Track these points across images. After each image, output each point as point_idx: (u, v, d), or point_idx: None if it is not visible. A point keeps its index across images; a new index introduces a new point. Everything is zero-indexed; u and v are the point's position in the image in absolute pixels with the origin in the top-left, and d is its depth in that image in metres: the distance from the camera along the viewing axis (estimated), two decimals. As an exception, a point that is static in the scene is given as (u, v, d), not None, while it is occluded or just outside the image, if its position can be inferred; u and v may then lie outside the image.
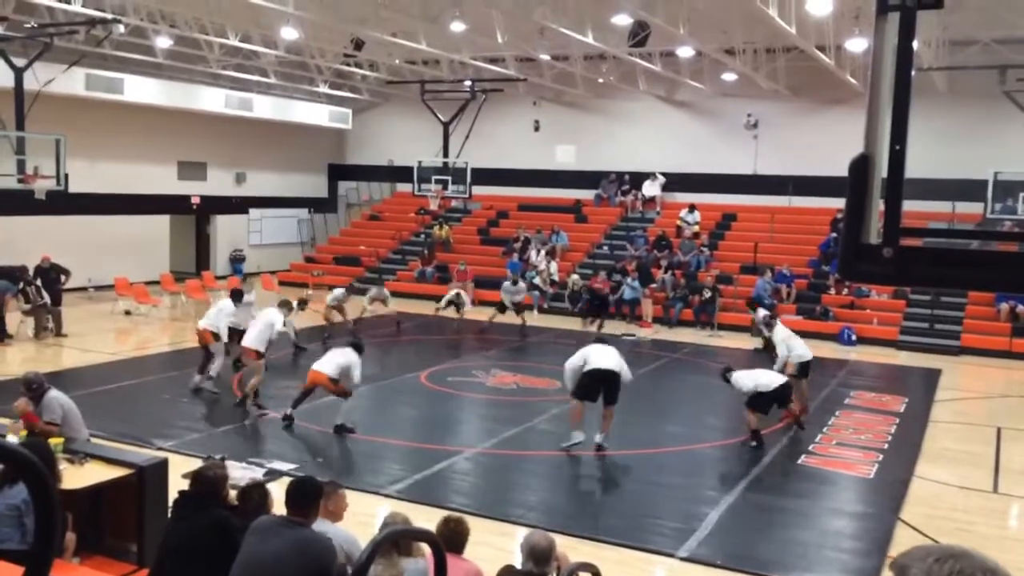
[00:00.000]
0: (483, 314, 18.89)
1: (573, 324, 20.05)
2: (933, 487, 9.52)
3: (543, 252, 23.49)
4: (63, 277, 17.58)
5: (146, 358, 15.36)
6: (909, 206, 2.01)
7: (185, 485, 5.57)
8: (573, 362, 10.18)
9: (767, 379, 10.70)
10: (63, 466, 6.14)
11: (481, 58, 21.92)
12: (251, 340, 11.74)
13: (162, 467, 6.46)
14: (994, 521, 8.85)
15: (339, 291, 18.11)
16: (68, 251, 20.63)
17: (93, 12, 17.16)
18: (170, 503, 5.40)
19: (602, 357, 10.07)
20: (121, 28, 17.48)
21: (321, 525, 4.79)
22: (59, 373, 13.09)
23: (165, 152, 24.87)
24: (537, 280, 22.37)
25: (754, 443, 10.58)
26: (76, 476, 6.12)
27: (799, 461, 10.32)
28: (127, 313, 19.44)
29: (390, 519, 5.00)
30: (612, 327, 19.78)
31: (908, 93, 1.99)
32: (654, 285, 21.21)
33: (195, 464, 7.35)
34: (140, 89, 22.34)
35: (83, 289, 21.56)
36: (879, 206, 2.03)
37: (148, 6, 17.84)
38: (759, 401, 10.55)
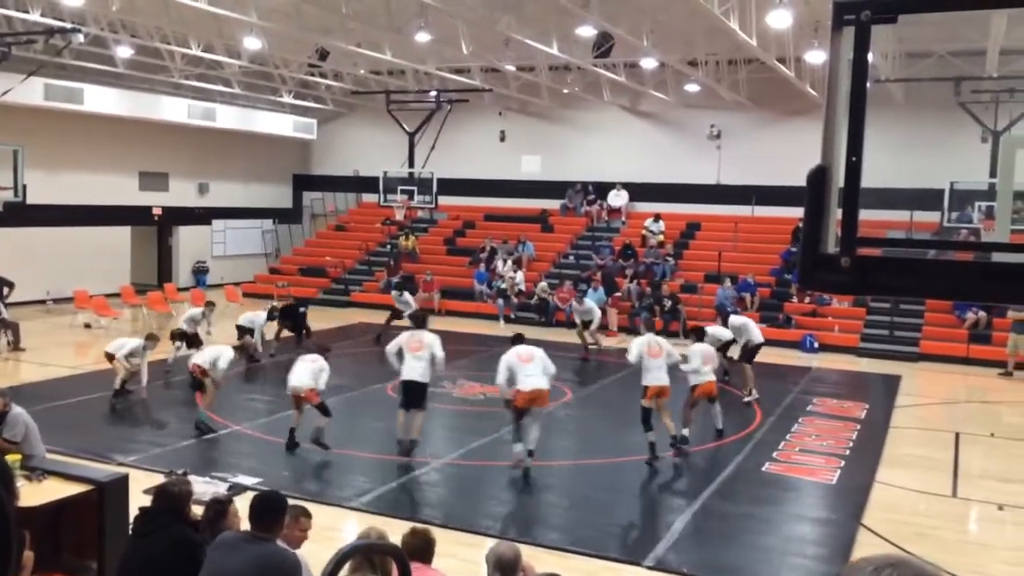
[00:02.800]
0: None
1: (541, 334, 20.02)
2: (894, 492, 9.65)
3: (509, 262, 23.51)
4: (6, 289, 17.28)
5: (107, 372, 15.07)
6: (869, 215, 2.06)
7: (147, 501, 5.48)
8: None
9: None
10: (21, 483, 6.01)
11: (446, 68, 21.94)
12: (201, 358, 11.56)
13: (123, 483, 6.36)
14: (954, 525, 9.00)
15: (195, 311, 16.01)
16: (26, 263, 20.29)
17: (52, 21, 16.92)
18: (131, 519, 5.31)
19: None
20: (81, 37, 17.25)
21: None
22: (17, 388, 12.80)
23: (126, 162, 24.54)
24: (506, 288, 22.39)
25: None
26: (35, 493, 6.00)
27: (763, 468, 10.41)
28: (87, 326, 19.12)
29: (366, 533, 4.91)
30: (577, 337, 19.78)
31: (864, 105, 2.02)
32: (618, 294, 21.31)
33: (157, 479, 7.25)
34: (100, 99, 22.04)
35: (42, 302, 21.20)
36: (837, 216, 2.07)
37: (108, 15, 17.62)
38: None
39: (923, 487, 9.85)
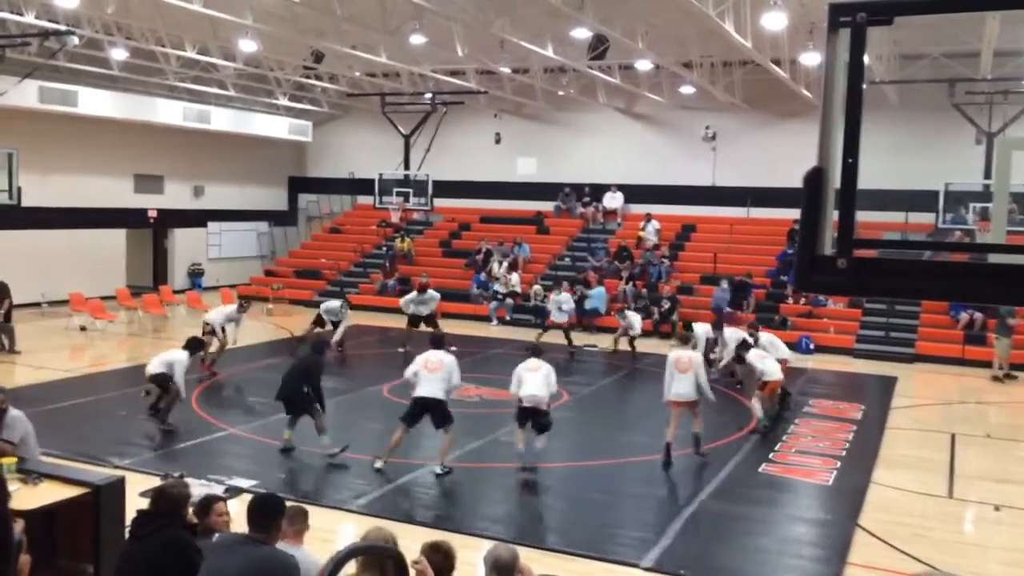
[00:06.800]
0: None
1: (535, 335, 20.00)
2: (890, 493, 9.66)
3: (505, 264, 23.51)
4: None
5: (102, 375, 15.07)
6: (864, 217, 2.07)
7: (142, 503, 5.47)
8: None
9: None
10: (16, 486, 6.00)
11: (441, 71, 21.94)
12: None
13: (119, 486, 6.34)
14: (950, 526, 9.01)
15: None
16: (21, 266, 20.22)
17: (47, 24, 16.89)
18: (127, 522, 5.30)
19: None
20: (75, 40, 17.21)
21: (297, 552, 4.73)
22: (12, 391, 12.76)
23: (121, 165, 24.51)
24: (500, 289, 22.37)
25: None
26: (30, 496, 5.99)
27: (759, 469, 10.42)
28: (82, 329, 19.08)
29: (374, 532, 4.81)
30: (575, 338, 19.80)
31: (860, 107, 2.03)
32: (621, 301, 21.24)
33: (153, 482, 7.23)
34: (95, 102, 22.00)
35: (36, 305, 21.14)
36: (833, 218, 2.07)
37: (103, 18, 17.59)
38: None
39: (919, 488, 9.86)
